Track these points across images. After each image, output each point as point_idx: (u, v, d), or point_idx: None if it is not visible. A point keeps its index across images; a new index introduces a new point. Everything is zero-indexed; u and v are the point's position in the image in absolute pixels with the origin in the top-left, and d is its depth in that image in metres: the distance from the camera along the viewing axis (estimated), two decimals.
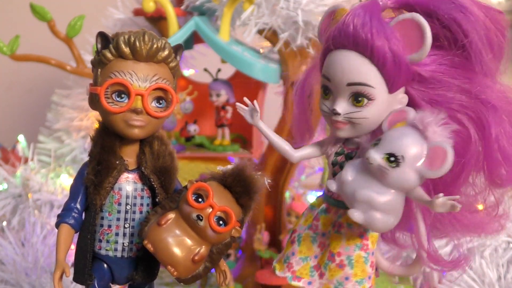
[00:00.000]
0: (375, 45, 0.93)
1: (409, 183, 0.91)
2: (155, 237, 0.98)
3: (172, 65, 1.04)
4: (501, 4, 2.37)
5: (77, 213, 1.03)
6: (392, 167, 0.90)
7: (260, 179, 1.02)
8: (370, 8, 0.95)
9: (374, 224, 0.92)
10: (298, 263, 1.05)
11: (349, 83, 0.96)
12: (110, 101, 1.00)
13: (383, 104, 0.97)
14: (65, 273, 0.99)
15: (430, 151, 0.90)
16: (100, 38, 1.02)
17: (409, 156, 0.90)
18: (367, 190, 0.91)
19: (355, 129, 0.99)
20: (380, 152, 0.91)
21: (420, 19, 0.93)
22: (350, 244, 1.01)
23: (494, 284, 1.57)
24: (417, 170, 0.90)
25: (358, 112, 0.97)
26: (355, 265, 1.01)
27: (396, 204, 0.92)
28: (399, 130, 0.93)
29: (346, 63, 0.96)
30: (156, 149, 1.04)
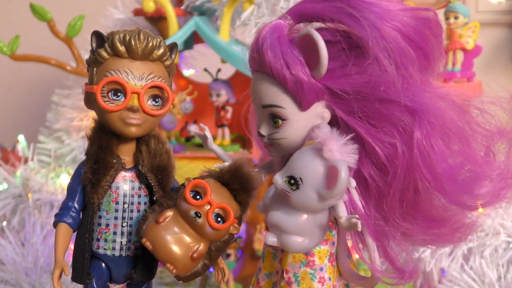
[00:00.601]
0: (273, 67, 0.92)
1: (311, 205, 0.90)
2: (154, 235, 0.98)
3: (168, 64, 1.03)
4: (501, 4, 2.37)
5: (75, 212, 1.03)
6: (293, 190, 0.89)
7: (257, 176, 1.01)
8: (272, 29, 0.94)
9: (288, 247, 0.92)
10: (264, 279, 1.05)
11: (263, 105, 0.96)
12: (106, 99, 1.00)
13: (299, 123, 0.95)
14: (64, 272, 0.99)
15: (327, 171, 0.88)
16: (95, 37, 1.02)
17: (306, 177, 0.89)
18: (276, 213, 0.92)
19: (280, 150, 0.98)
20: (282, 175, 0.90)
21: (313, 34, 0.90)
22: (296, 261, 1.00)
23: (494, 284, 1.57)
24: (318, 192, 0.89)
25: (277, 133, 0.96)
26: (301, 282, 1.00)
27: (306, 225, 0.92)
28: (301, 151, 0.92)
29: (258, 86, 0.96)
30: (152, 147, 1.04)
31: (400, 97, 0.90)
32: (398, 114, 0.90)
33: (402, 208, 0.93)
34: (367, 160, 0.93)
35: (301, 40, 0.92)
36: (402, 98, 0.90)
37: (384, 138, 0.91)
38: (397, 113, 0.90)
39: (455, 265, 1.62)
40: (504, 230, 1.64)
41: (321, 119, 0.95)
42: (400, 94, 0.91)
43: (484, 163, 0.94)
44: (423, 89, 0.93)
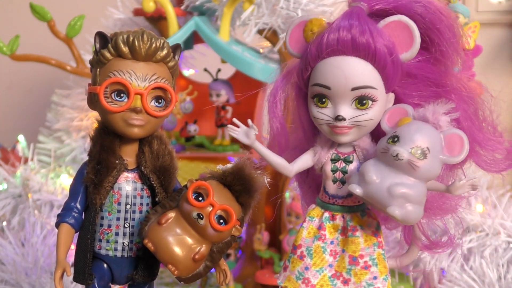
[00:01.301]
0: (376, 49, 0.97)
1: (436, 172, 0.97)
2: (156, 236, 0.98)
3: (171, 65, 1.04)
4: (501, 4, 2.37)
5: (77, 212, 1.03)
6: (421, 159, 0.95)
7: (259, 178, 1.02)
8: (360, 14, 0.99)
9: (409, 217, 0.96)
10: (315, 276, 1.05)
11: (353, 88, 0.98)
12: (109, 100, 1.00)
13: (383, 104, 1.01)
14: (66, 272, 0.99)
15: (446, 139, 0.97)
16: (99, 38, 1.02)
17: (434, 146, 0.96)
18: (400, 186, 0.95)
19: (360, 132, 1.02)
20: (406, 148, 0.95)
21: (408, 20, 0.98)
22: (369, 244, 1.03)
23: (494, 284, 1.57)
24: (441, 159, 0.97)
25: (364, 115, 1.00)
26: (379, 263, 1.03)
27: (424, 194, 0.97)
28: (412, 125, 0.98)
29: (348, 68, 0.98)
30: (155, 148, 1.04)
31: (449, 82, 1.02)
32: (446, 97, 1.01)
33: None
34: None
35: (390, 25, 0.98)
36: (448, 80, 1.02)
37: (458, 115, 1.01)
38: (446, 95, 1.01)
39: (455, 265, 1.62)
40: (504, 230, 1.64)
41: (390, 102, 1.03)
42: (450, 79, 1.02)
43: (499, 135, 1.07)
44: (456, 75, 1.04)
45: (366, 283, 1.02)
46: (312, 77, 1.02)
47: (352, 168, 1.04)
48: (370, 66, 0.98)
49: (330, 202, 1.06)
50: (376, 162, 0.98)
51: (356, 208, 1.05)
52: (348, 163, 1.04)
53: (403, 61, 1.00)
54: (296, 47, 1.05)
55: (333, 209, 1.06)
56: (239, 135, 1.05)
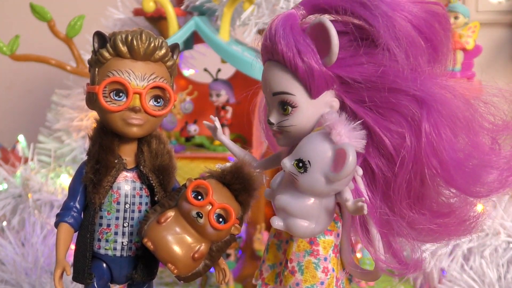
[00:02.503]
0: (285, 55, 0.94)
1: (319, 188, 0.91)
2: (155, 235, 0.98)
3: (169, 64, 1.04)
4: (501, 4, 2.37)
5: (76, 212, 1.03)
6: (301, 173, 0.91)
7: (258, 177, 1.02)
8: (285, 18, 0.96)
9: (294, 230, 0.94)
10: (267, 270, 1.06)
11: (273, 93, 0.97)
12: (108, 99, 1.00)
13: (308, 110, 0.97)
14: (66, 271, 0.99)
15: (335, 154, 0.90)
16: (97, 38, 1.02)
17: (315, 161, 0.90)
18: (283, 197, 0.93)
19: (288, 137, 0.99)
20: (291, 159, 0.92)
21: (326, 23, 0.92)
22: (300, 250, 1.01)
23: (494, 284, 1.57)
24: (325, 174, 0.90)
25: (286, 121, 0.98)
26: (305, 271, 1.00)
27: (312, 209, 0.93)
28: (310, 135, 0.94)
29: (269, 74, 0.98)
30: (154, 147, 1.04)
31: (409, 87, 0.92)
32: (406, 103, 0.92)
33: (409, 198, 0.94)
34: (374, 150, 0.94)
35: (314, 29, 0.94)
36: (411, 87, 0.92)
37: (392, 127, 0.93)
38: (406, 102, 0.92)
39: (455, 265, 1.62)
40: (504, 230, 1.64)
41: (330, 107, 0.97)
42: (409, 84, 0.92)
43: (491, 152, 0.96)
44: (431, 80, 0.94)
45: (290, 287, 1.01)
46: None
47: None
48: (287, 71, 0.95)
49: None
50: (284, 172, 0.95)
51: None
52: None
53: (326, 65, 0.94)
54: None
55: None
56: (210, 128, 1.15)
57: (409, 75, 0.93)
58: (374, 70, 0.93)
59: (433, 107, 0.92)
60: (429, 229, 0.97)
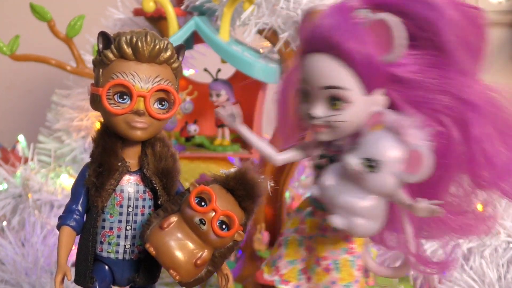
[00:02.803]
0: (347, 47, 0.92)
1: (388, 188, 0.90)
2: (157, 241, 0.97)
3: (175, 66, 1.03)
4: (501, 4, 2.37)
5: (78, 215, 1.03)
6: (370, 172, 0.89)
7: (262, 183, 1.00)
8: (341, 10, 0.95)
9: (355, 230, 0.92)
10: (286, 267, 1.05)
11: (324, 87, 0.95)
12: (112, 102, 0.99)
13: (360, 107, 0.96)
14: (67, 276, 0.98)
15: (408, 155, 0.89)
16: (102, 38, 1.01)
17: (387, 160, 0.89)
18: (346, 196, 0.91)
19: (335, 132, 0.98)
20: (357, 157, 0.90)
21: (391, 20, 0.92)
22: (336, 248, 1.00)
23: (494, 284, 1.57)
24: (396, 175, 0.89)
25: (336, 116, 0.96)
26: (342, 269, 1.00)
27: (376, 209, 0.92)
28: (376, 134, 0.92)
29: (320, 66, 0.95)
30: (158, 150, 1.03)
31: (460, 89, 0.93)
32: (457, 106, 0.93)
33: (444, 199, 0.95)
34: None
35: (375, 24, 0.92)
36: (462, 90, 0.93)
37: (440, 130, 0.93)
38: (456, 105, 0.93)
39: None
40: (504, 230, 1.64)
41: (378, 105, 0.95)
42: (460, 87, 0.93)
43: None
44: (478, 83, 0.95)
45: (323, 285, 1.00)
46: (300, 71, 1.00)
47: None
48: (343, 65, 0.94)
49: (315, 198, 1.04)
50: (340, 168, 0.94)
51: None
52: (332, 162, 1.01)
53: (385, 63, 0.94)
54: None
55: (316, 205, 1.04)
56: (225, 116, 1.05)
57: (461, 78, 0.93)
58: (429, 71, 0.93)
59: (482, 111, 0.92)
60: (451, 227, 0.99)
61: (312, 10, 1.01)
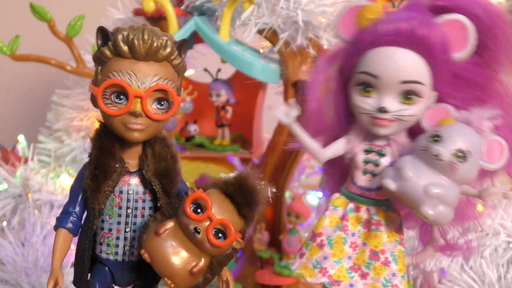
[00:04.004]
0: (432, 43, 0.96)
1: (473, 176, 0.97)
2: (152, 247, 0.94)
3: (176, 63, 0.98)
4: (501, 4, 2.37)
5: (75, 217, 1.00)
6: (461, 162, 0.94)
7: (262, 190, 0.97)
8: (421, 7, 0.99)
9: (441, 218, 0.95)
10: (333, 267, 1.03)
11: (403, 81, 0.98)
12: (108, 102, 0.96)
13: (428, 102, 1.01)
14: (58, 282, 0.96)
15: (487, 145, 0.97)
16: (100, 34, 0.97)
17: (475, 151, 0.96)
18: (436, 186, 0.94)
19: (400, 126, 1.01)
20: (448, 148, 0.94)
21: (466, 20, 0.97)
22: (391, 240, 1.02)
23: (494, 284, 1.57)
24: (479, 164, 0.97)
25: (408, 110, 0.99)
26: (399, 261, 1.02)
27: (458, 197, 0.97)
28: (456, 126, 0.97)
29: (401, 60, 0.97)
30: (158, 151, 1.00)
31: (495, 88, 1.01)
32: (485, 102, 1.00)
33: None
34: None
35: (449, 23, 0.98)
36: (496, 89, 1.01)
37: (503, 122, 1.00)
38: (485, 100, 1.01)
39: (455, 265, 1.62)
40: (504, 230, 1.64)
41: (433, 101, 1.01)
42: (495, 83, 1.01)
43: None
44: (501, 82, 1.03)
45: (384, 279, 1.01)
46: (360, 64, 1.01)
47: (385, 162, 1.03)
48: (422, 61, 0.97)
49: (357, 193, 1.05)
50: (413, 159, 0.98)
51: (382, 202, 1.05)
52: (381, 156, 1.04)
53: (454, 61, 0.99)
54: (346, 31, 1.04)
55: (359, 201, 1.05)
56: (280, 113, 1.04)
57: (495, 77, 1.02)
58: (477, 70, 1.00)
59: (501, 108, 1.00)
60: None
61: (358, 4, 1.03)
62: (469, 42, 0.98)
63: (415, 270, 1.66)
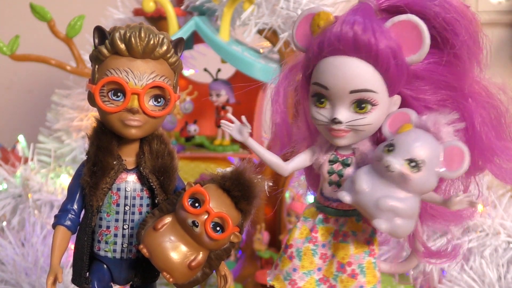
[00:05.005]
0: (379, 50, 0.91)
1: (430, 186, 0.91)
2: (151, 242, 0.95)
3: (172, 61, 1.00)
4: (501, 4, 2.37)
5: (73, 214, 1.01)
6: (414, 173, 0.89)
7: (259, 184, 0.98)
8: (366, 11, 0.93)
9: (398, 231, 0.91)
10: (302, 279, 1.02)
11: (352, 91, 0.93)
12: (106, 99, 0.97)
13: (385, 108, 0.95)
14: (58, 278, 0.96)
15: (446, 152, 0.90)
16: (97, 33, 0.98)
17: (429, 159, 0.89)
18: (389, 199, 0.89)
19: (357, 136, 0.97)
20: (399, 159, 0.89)
21: (417, 20, 0.92)
22: (359, 252, 0.99)
23: (494, 284, 1.57)
24: (437, 172, 0.90)
25: (362, 119, 0.95)
26: (367, 272, 0.99)
27: (416, 208, 0.91)
28: (411, 133, 0.92)
29: (347, 70, 0.93)
30: (155, 148, 1.01)
31: (464, 86, 0.96)
32: (461, 102, 0.96)
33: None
34: None
35: (399, 25, 0.92)
36: (465, 87, 0.96)
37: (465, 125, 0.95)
38: (460, 100, 0.96)
39: (455, 265, 1.62)
40: (504, 230, 1.64)
41: (395, 105, 0.96)
42: (465, 83, 0.96)
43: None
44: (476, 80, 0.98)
45: None
46: (313, 75, 0.97)
47: (349, 171, 0.99)
48: (371, 68, 0.92)
49: (325, 204, 1.02)
50: (370, 170, 0.93)
51: (351, 213, 1.01)
52: (345, 166, 0.99)
53: (409, 64, 0.94)
54: (302, 40, 1.00)
55: (328, 212, 1.02)
56: (232, 131, 1.02)
57: (466, 75, 0.96)
58: (442, 69, 0.95)
59: (482, 105, 0.96)
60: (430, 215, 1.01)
61: (312, 11, 0.98)
62: (422, 43, 0.92)
63: (415, 270, 1.66)
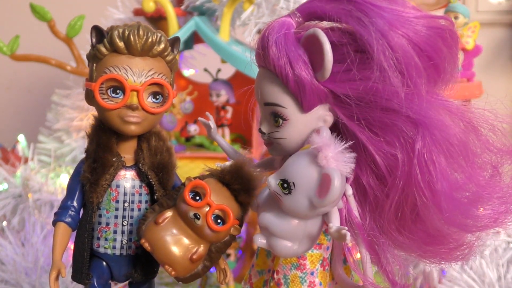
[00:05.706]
0: (276, 65, 0.90)
1: (302, 211, 0.88)
2: (152, 236, 0.96)
3: (169, 59, 1.01)
4: (501, 4, 2.37)
5: (73, 211, 1.02)
6: (285, 194, 0.88)
7: (258, 176, 0.99)
8: (280, 26, 0.91)
9: (276, 250, 0.91)
10: (255, 276, 1.04)
11: (265, 103, 0.94)
12: (105, 97, 0.98)
13: (299, 124, 0.93)
14: (61, 273, 0.97)
15: (321, 179, 0.86)
16: (95, 32, 1.00)
17: (300, 183, 0.87)
18: (267, 216, 0.90)
19: (279, 149, 0.96)
20: (276, 178, 0.89)
21: (320, 35, 0.87)
22: (287, 263, 0.98)
23: (494, 284, 1.57)
24: (309, 198, 0.87)
25: (277, 133, 0.94)
26: (291, 285, 0.98)
27: (296, 231, 0.90)
28: (297, 155, 0.90)
29: (261, 82, 0.94)
30: (153, 145, 1.02)
31: (403, 107, 0.87)
32: (400, 125, 0.88)
33: (399, 221, 0.91)
34: (367, 168, 0.91)
35: (307, 40, 0.89)
36: (405, 108, 0.87)
37: (386, 147, 0.88)
38: (400, 123, 0.88)
39: (455, 265, 1.62)
40: (504, 230, 1.64)
41: (323, 122, 0.93)
42: (403, 104, 0.87)
43: (487, 185, 0.91)
44: (429, 101, 0.89)
45: None
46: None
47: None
48: (279, 83, 0.91)
49: None
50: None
51: None
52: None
53: (319, 79, 0.89)
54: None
55: None
56: (205, 126, 1.11)
57: (403, 95, 0.87)
58: (367, 88, 0.87)
59: (427, 131, 0.87)
60: (418, 254, 0.95)
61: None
62: (324, 59, 0.87)
63: (415, 270, 1.66)
